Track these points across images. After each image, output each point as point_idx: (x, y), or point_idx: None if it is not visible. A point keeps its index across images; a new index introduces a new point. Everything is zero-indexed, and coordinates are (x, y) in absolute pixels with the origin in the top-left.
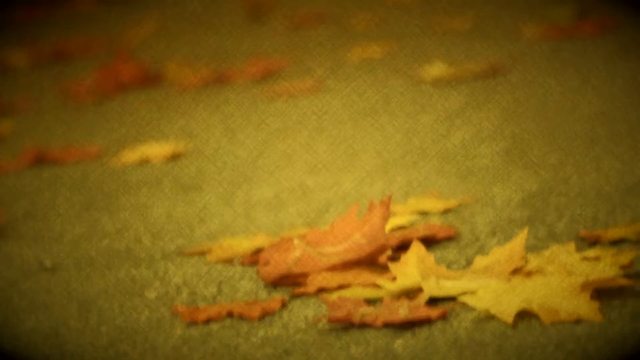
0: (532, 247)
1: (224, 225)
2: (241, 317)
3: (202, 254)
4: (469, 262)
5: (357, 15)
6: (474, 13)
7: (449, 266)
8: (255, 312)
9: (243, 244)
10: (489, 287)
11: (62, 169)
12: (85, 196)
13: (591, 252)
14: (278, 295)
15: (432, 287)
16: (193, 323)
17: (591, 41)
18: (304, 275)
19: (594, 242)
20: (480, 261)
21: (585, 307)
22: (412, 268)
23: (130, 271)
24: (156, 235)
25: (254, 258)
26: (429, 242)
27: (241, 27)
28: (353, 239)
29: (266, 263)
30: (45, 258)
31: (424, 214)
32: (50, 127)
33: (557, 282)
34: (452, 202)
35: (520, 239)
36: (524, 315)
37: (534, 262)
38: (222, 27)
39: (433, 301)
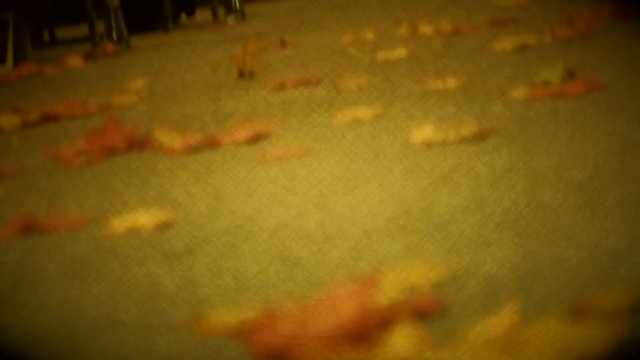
0: (521, 319)
1: (213, 297)
2: None
3: (190, 326)
4: (457, 335)
5: (346, 77)
6: (464, 75)
7: (438, 339)
8: None
9: (231, 317)
10: None
11: (51, 238)
12: (74, 267)
13: (580, 323)
14: None
15: None
16: None
17: (579, 103)
18: (292, 350)
19: (583, 313)
20: (469, 334)
21: None
22: (401, 342)
23: (117, 344)
24: (144, 308)
25: (243, 331)
26: (418, 314)
27: (230, 90)
28: (341, 313)
29: (254, 337)
30: (33, 330)
31: (412, 285)
32: (39, 193)
33: (546, 355)
34: (440, 272)
35: (510, 310)
36: None
37: (523, 334)
38: (211, 90)
39: None
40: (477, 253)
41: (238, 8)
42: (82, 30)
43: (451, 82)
